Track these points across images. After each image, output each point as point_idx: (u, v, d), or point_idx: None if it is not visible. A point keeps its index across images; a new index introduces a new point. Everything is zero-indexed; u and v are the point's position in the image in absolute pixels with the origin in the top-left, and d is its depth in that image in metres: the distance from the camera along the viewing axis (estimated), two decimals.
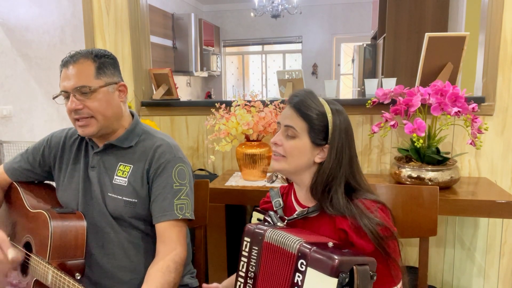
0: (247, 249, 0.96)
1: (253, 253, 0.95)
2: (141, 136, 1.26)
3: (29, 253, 1.20)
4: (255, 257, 0.95)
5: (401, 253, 0.98)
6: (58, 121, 3.87)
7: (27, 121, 3.61)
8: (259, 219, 1.10)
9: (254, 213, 1.14)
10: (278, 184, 1.77)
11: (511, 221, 1.90)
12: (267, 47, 8.10)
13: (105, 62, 1.19)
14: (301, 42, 7.60)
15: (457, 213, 1.56)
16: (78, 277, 1.12)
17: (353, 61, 5.73)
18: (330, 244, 0.87)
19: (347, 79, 7.58)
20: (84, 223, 1.18)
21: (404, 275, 0.97)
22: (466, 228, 1.98)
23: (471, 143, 1.63)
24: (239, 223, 2.08)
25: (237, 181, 1.86)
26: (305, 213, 1.01)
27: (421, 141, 1.60)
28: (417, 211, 1.33)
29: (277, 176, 1.83)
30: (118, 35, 2.27)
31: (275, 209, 1.08)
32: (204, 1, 7.47)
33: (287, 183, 1.16)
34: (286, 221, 1.03)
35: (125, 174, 1.20)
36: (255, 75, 8.31)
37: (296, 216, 1.03)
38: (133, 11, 2.23)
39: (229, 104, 1.89)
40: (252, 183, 1.82)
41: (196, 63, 6.36)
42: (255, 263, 0.95)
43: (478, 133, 1.62)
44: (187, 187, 1.21)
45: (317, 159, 1.00)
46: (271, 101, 1.90)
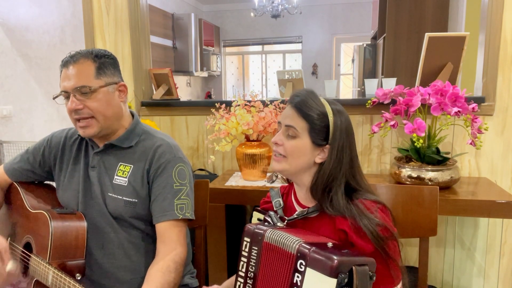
0: (246, 249, 0.96)
1: (252, 253, 0.95)
2: (141, 136, 1.26)
3: (29, 254, 1.20)
4: (255, 257, 0.95)
5: (401, 253, 0.98)
6: (58, 121, 3.87)
7: (27, 121, 3.61)
8: (259, 219, 1.10)
9: (254, 213, 1.14)
10: (278, 184, 1.77)
11: (511, 221, 1.91)
12: (267, 47, 8.10)
13: (105, 62, 1.19)
14: (301, 42, 7.60)
15: (457, 213, 1.56)
16: (78, 278, 1.12)
17: (353, 61, 5.73)
18: (329, 244, 0.87)
19: (347, 79, 7.57)
20: (84, 224, 1.18)
21: (404, 276, 0.97)
22: (466, 228, 1.98)
23: (471, 143, 1.63)
24: (239, 223, 2.08)
25: (237, 181, 1.86)
26: (305, 213, 1.01)
27: (421, 141, 1.60)
28: (417, 211, 1.33)
29: (277, 176, 1.83)
30: (118, 35, 2.27)
31: (275, 209, 1.08)
32: (204, 1, 7.47)
33: (287, 183, 1.16)
34: (286, 221, 1.03)
35: (125, 174, 1.21)
36: (255, 75, 8.31)
37: (296, 216, 1.03)
38: (133, 11, 2.23)
39: (229, 104, 1.89)
40: (252, 183, 1.82)
41: (196, 63, 6.36)
42: (254, 263, 0.95)
43: (478, 133, 1.62)
44: (187, 187, 1.21)
45: (318, 160, 0.99)
46: (271, 101, 1.90)
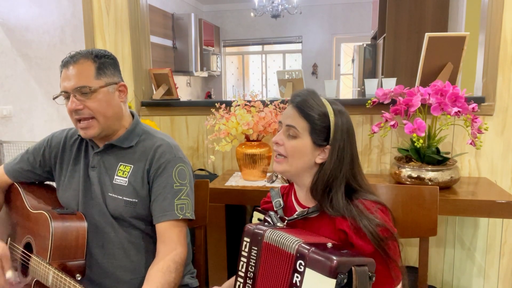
0: (246, 249, 0.96)
1: (252, 253, 0.95)
2: (141, 136, 1.26)
3: (29, 254, 1.20)
4: (255, 257, 0.95)
5: (401, 253, 0.98)
6: (58, 121, 3.87)
7: (27, 121, 3.61)
8: (259, 219, 1.10)
9: (254, 213, 1.14)
10: (278, 184, 1.77)
11: (511, 221, 1.91)
12: (267, 47, 8.10)
13: (105, 62, 1.19)
14: (301, 42, 7.59)
15: (457, 213, 1.56)
16: (78, 278, 1.13)
17: (353, 61, 5.73)
18: (329, 244, 0.87)
19: (347, 79, 7.57)
20: (84, 224, 1.18)
21: (404, 276, 0.97)
22: (466, 228, 1.98)
23: (471, 143, 1.63)
24: (239, 223, 2.08)
25: (237, 181, 1.86)
26: (305, 214, 1.01)
27: (421, 141, 1.60)
28: (417, 211, 1.33)
29: (277, 176, 1.83)
30: (118, 35, 2.27)
31: (275, 209, 1.08)
32: (204, 1, 7.47)
33: (287, 183, 1.16)
34: (286, 221, 1.03)
35: (126, 174, 1.21)
36: (255, 75, 8.31)
37: (296, 216, 1.03)
38: (133, 11, 2.23)
39: (229, 104, 1.89)
40: (252, 183, 1.82)
41: (196, 63, 6.36)
42: (254, 263, 0.95)
43: (478, 133, 1.62)
44: (187, 187, 1.21)
45: (318, 160, 0.99)
46: (271, 101, 1.90)
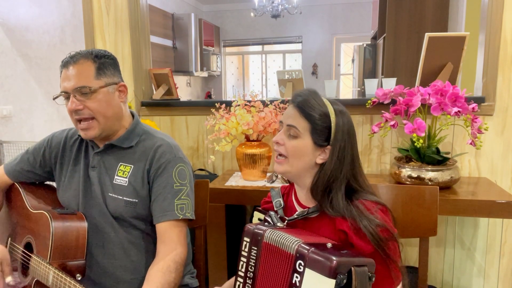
0: (246, 249, 0.96)
1: (252, 253, 0.95)
2: (142, 136, 1.26)
3: (29, 254, 1.20)
4: (254, 257, 0.95)
5: (401, 253, 0.98)
6: (58, 121, 3.87)
7: (27, 121, 3.61)
8: (259, 219, 1.10)
9: (255, 213, 1.14)
10: (278, 184, 1.77)
11: (511, 221, 1.91)
12: (267, 47, 8.10)
13: (105, 62, 1.19)
14: (301, 42, 7.59)
15: (457, 213, 1.56)
16: (79, 278, 1.13)
17: (353, 61, 5.73)
18: (328, 245, 0.87)
19: (347, 79, 7.57)
20: (85, 224, 1.18)
21: (404, 277, 0.96)
22: (466, 228, 1.98)
23: (471, 143, 1.63)
24: (239, 223, 2.08)
25: (237, 181, 1.86)
26: (305, 214, 1.01)
27: (421, 141, 1.60)
28: (417, 211, 1.33)
29: (277, 176, 1.83)
30: (118, 35, 2.27)
31: (275, 209, 1.08)
32: (204, 1, 7.47)
33: (287, 183, 1.16)
34: (286, 221, 1.03)
35: (126, 174, 1.21)
36: (255, 75, 8.31)
37: (296, 216, 1.02)
38: (133, 11, 2.23)
39: (229, 104, 1.89)
40: (252, 183, 1.82)
41: (196, 63, 6.36)
42: (254, 263, 0.95)
43: (478, 133, 1.62)
44: (187, 187, 1.21)
45: (319, 160, 0.99)
46: (271, 101, 1.90)
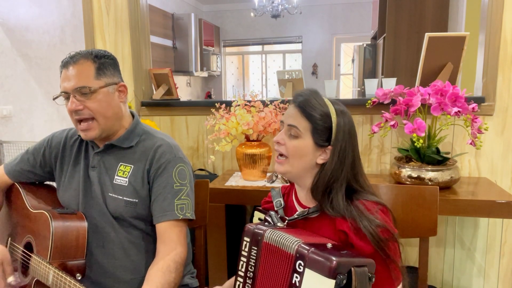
0: (246, 249, 0.96)
1: (252, 253, 0.95)
2: (142, 136, 1.26)
3: (29, 254, 1.20)
4: (254, 257, 0.95)
5: (401, 253, 0.98)
6: (58, 121, 3.87)
7: (27, 121, 3.61)
8: (260, 219, 1.10)
9: (255, 213, 1.14)
10: (278, 184, 1.77)
11: (511, 221, 1.91)
12: (267, 47, 8.10)
13: (105, 62, 1.19)
14: (301, 42, 7.59)
15: (457, 213, 1.56)
16: (79, 278, 1.13)
17: (353, 61, 5.73)
18: (328, 245, 0.86)
19: (347, 79, 7.57)
20: (85, 224, 1.18)
21: (404, 277, 0.96)
22: (466, 228, 1.98)
23: (471, 143, 1.63)
24: (239, 223, 2.08)
25: (237, 181, 1.86)
26: (306, 214, 1.01)
27: (421, 141, 1.60)
28: (417, 211, 1.33)
29: (277, 176, 1.83)
30: (118, 35, 2.27)
31: (276, 209, 1.08)
32: (204, 1, 7.47)
33: (287, 183, 1.16)
34: (286, 221, 1.03)
35: (126, 174, 1.21)
36: (255, 75, 8.31)
37: (296, 216, 1.02)
38: (133, 11, 2.23)
39: (229, 104, 1.89)
40: (252, 183, 1.82)
41: (196, 63, 6.36)
42: (254, 263, 0.95)
43: (478, 133, 1.62)
44: (187, 187, 1.21)
45: (319, 160, 0.99)
46: (271, 101, 1.90)
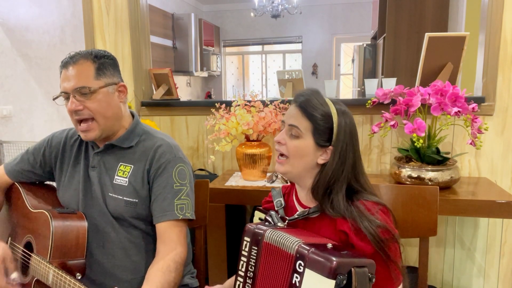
0: (246, 249, 0.96)
1: (252, 253, 0.95)
2: (142, 136, 1.26)
3: (29, 253, 1.20)
4: (255, 257, 0.95)
5: (402, 254, 0.98)
6: (58, 121, 3.87)
7: (27, 121, 3.61)
8: (260, 218, 1.10)
9: (256, 212, 1.14)
10: (278, 184, 1.77)
11: (511, 221, 1.90)
12: (267, 47, 8.10)
13: (104, 62, 1.19)
14: (301, 42, 7.59)
15: (457, 213, 1.56)
16: (78, 277, 1.13)
17: (353, 61, 5.73)
18: (329, 245, 0.86)
19: (347, 79, 7.57)
20: (85, 223, 1.18)
21: (405, 278, 0.96)
22: (466, 228, 1.98)
23: (471, 143, 1.63)
24: (239, 223, 2.08)
25: (237, 181, 1.86)
26: (306, 214, 1.01)
27: (421, 141, 1.60)
28: (417, 211, 1.33)
29: (277, 176, 1.83)
30: (118, 35, 2.27)
31: (276, 208, 1.08)
32: (204, 1, 7.47)
33: (287, 183, 1.16)
34: (287, 221, 1.03)
35: (126, 174, 1.21)
36: (255, 75, 8.31)
37: (297, 216, 1.02)
38: (133, 11, 2.23)
39: (229, 104, 1.89)
40: (252, 183, 1.82)
41: (196, 63, 6.36)
42: (254, 263, 0.95)
43: (478, 133, 1.62)
44: (187, 187, 1.21)
45: (320, 161, 0.99)
46: (271, 101, 1.90)
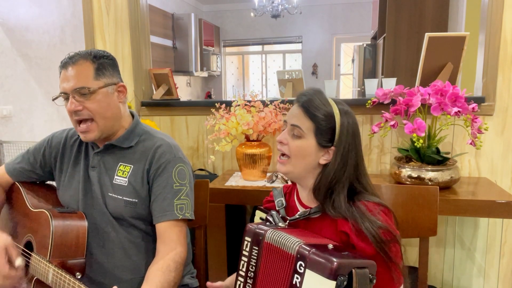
0: (247, 249, 0.96)
1: (253, 253, 0.95)
2: (141, 136, 1.26)
3: (29, 252, 1.20)
4: (255, 257, 0.95)
5: (403, 255, 0.98)
6: (58, 121, 3.87)
7: (27, 121, 3.61)
8: (261, 218, 1.10)
9: (257, 212, 1.14)
10: (278, 184, 1.77)
11: (511, 221, 1.90)
12: (267, 47, 8.10)
13: (104, 63, 1.19)
14: (301, 42, 7.59)
15: (457, 213, 1.56)
16: (78, 276, 1.12)
17: (353, 61, 5.73)
18: (330, 246, 0.86)
19: (347, 79, 7.57)
20: (85, 223, 1.18)
21: (405, 279, 0.96)
22: (466, 228, 1.98)
23: (471, 143, 1.63)
24: (239, 223, 2.08)
25: (237, 181, 1.86)
26: (307, 214, 1.01)
27: (421, 141, 1.60)
28: (417, 211, 1.33)
29: (277, 176, 1.83)
30: (118, 35, 2.27)
31: (277, 208, 1.08)
32: (204, 1, 7.47)
33: (287, 183, 1.16)
34: (288, 221, 1.03)
35: (125, 174, 1.21)
36: (255, 75, 8.31)
37: (298, 216, 1.02)
38: (133, 11, 2.23)
39: (229, 104, 1.89)
40: (252, 183, 1.82)
41: (196, 63, 6.36)
42: (255, 263, 0.95)
43: (478, 133, 1.62)
44: (187, 187, 1.21)
45: (322, 161, 0.98)
46: (271, 101, 1.90)
